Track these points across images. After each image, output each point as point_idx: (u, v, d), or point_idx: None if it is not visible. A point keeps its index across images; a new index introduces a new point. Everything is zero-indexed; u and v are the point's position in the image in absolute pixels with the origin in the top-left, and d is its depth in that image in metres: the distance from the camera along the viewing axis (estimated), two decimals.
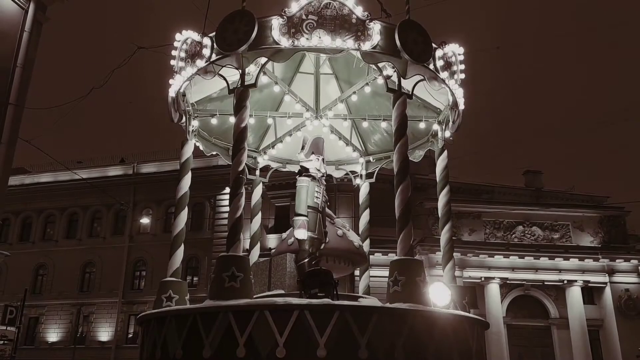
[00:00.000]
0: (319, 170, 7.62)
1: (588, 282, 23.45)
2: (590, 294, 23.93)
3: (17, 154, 13.74)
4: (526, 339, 23.21)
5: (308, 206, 7.30)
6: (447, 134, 8.04)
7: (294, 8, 6.44)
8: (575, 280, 23.35)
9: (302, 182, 7.46)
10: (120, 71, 10.22)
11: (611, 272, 23.55)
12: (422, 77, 6.87)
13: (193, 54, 6.81)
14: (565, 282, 23.37)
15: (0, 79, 13.11)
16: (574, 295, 23.31)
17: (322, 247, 7.48)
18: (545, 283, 23.52)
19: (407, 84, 6.90)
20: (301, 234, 7.19)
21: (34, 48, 14.03)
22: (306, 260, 7.12)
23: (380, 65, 6.79)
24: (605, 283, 23.51)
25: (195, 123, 8.10)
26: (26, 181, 30.37)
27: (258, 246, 9.18)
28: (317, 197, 7.40)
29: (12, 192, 20.27)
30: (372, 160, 9.64)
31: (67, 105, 12.67)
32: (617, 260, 23.61)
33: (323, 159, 7.88)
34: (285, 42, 6.36)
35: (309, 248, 7.20)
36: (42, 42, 14.41)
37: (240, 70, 6.60)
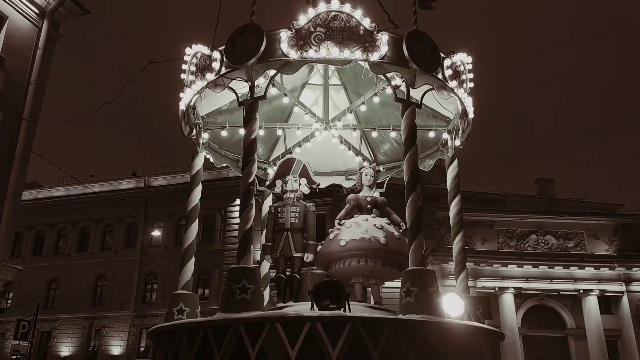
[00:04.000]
0: (287, 191, 7.91)
1: (604, 291, 23.07)
2: (607, 303, 23.52)
3: (30, 169, 13.92)
4: (542, 350, 22.82)
5: (275, 230, 7.71)
6: (457, 142, 7.99)
7: (302, 20, 6.48)
8: (592, 290, 22.99)
9: (269, 210, 7.94)
10: (132, 86, 10.31)
11: (628, 280, 23.17)
12: (431, 87, 6.84)
13: (203, 68, 6.86)
14: (581, 291, 23.01)
15: (14, 96, 13.33)
16: (591, 304, 22.93)
17: (307, 259, 7.60)
18: (561, 293, 23.19)
19: (415, 94, 6.88)
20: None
21: (47, 65, 14.26)
22: (280, 276, 7.51)
23: (388, 75, 6.78)
24: (622, 292, 23.13)
25: (205, 135, 8.15)
26: (39, 195, 30.71)
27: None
28: (281, 217, 7.67)
29: (25, 206, 20.50)
30: (382, 170, 9.59)
31: (79, 120, 12.80)
32: (634, 269, 23.24)
33: (308, 176, 8.09)
34: (293, 54, 6.39)
35: (278, 267, 7.60)
36: (55, 58, 14.64)
37: (249, 83, 6.63)
